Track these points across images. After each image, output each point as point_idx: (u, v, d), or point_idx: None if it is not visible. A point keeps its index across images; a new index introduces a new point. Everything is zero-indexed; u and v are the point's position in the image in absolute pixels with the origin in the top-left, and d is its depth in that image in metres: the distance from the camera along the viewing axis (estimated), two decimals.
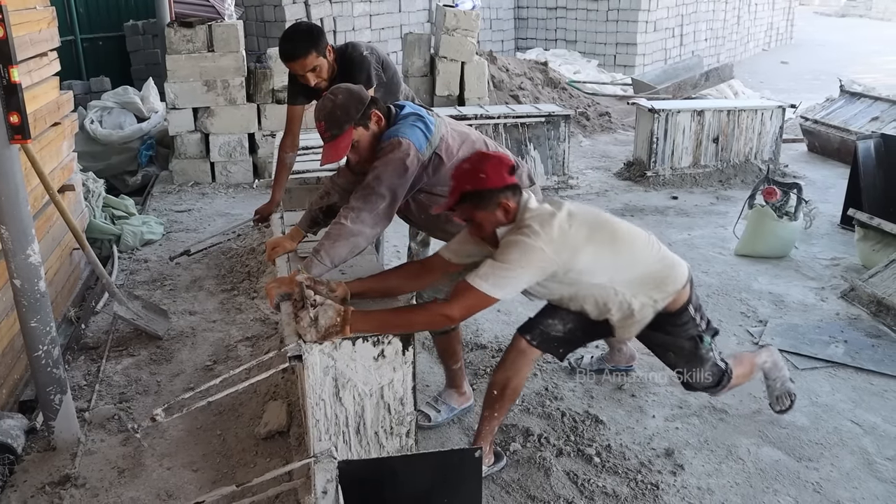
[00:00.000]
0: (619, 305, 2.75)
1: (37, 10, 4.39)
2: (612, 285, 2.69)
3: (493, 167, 2.56)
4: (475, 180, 2.55)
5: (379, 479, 2.24)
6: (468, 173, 2.58)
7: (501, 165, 2.57)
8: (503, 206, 2.57)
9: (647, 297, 2.75)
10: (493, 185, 2.54)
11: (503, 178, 2.56)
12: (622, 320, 2.81)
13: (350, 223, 2.71)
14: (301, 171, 4.12)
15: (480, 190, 2.55)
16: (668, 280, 2.77)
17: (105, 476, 3.04)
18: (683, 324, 2.86)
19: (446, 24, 8.05)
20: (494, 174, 2.55)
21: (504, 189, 2.57)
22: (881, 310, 4.35)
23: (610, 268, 2.67)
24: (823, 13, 30.02)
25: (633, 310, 2.76)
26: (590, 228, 2.63)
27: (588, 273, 2.63)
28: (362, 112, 2.79)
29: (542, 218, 2.56)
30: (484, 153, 2.63)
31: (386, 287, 2.75)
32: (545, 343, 2.94)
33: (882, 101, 7.79)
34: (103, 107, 7.72)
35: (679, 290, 2.79)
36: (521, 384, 2.95)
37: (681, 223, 6.10)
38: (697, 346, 2.91)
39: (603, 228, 2.70)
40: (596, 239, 2.63)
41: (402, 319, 2.55)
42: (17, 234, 2.86)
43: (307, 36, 3.49)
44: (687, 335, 2.88)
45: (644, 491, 2.94)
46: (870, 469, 3.09)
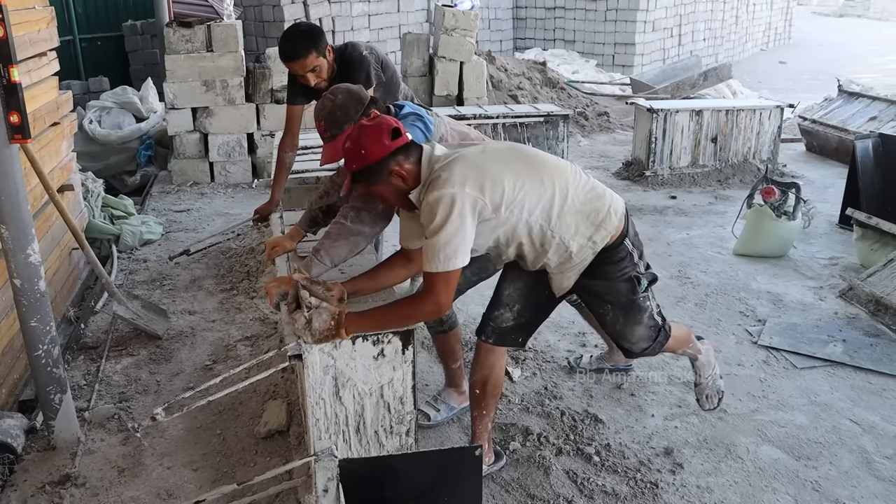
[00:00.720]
0: (556, 248, 2.62)
1: (36, 10, 4.39)
2: (546, 223, 2.56)
3: (370, 139, 2.43)
4: (357, 158, 2.44)
5: (379, 477, 2.24)
6: (350, 152, 2.47)
7: (380, 133, 2.43)
8: (395, 173, 2.45)
9: (585, 237, 2.62)
10: (375, 156, 2.43)
11: (384, 147, 2.42)
12: (560, 265, 2.68)
13: (350, 223, 2.72)
14: (300, 171, 4.12)
15: (366, 166, 2.44)
16: (602, 213, 2.62)
17: (105, 475, 3.04)
18: (620, 260, 2.70)
19: (445, 24, 8.06)
20: (374, 146, 2.42)
21: (389, 157, 2.43)
22: (879, 309, 4.36)
23: (537, 197, 2.52)
24: (821, 13, 30.05)
25: (570, 252, 2.63)
26: (506, 158, 2.54)
27: (517, 206, 2.49)
28: (362, 112, 2.79)
29: (450, 163, 2.45)
30: (361, 125, 2.50)
31: (377, 282, 2.73)
32: (501, 338, 2.90)
33: (880, 101, 7.80)
34: (102, 107, 7.73)
35: (616, 226, 2.65)
36: (500, 378, 2.95)
37: (679, 223, 6.10)
38: (635, 290, 2.75)
39: (520, 155, 2.60)
40: (515, 167, 2.52)
41: (395, 316, 2.52)
42: (17, 233, 2.87)
43: (307, 36, 3.50)
44: (624, 275, 2.73)
45: (643, 490, 2.95)
46: (868, 468, 3.10)
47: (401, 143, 2.46)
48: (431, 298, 2.44)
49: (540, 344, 4.01)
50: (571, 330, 4.19)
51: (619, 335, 2.90)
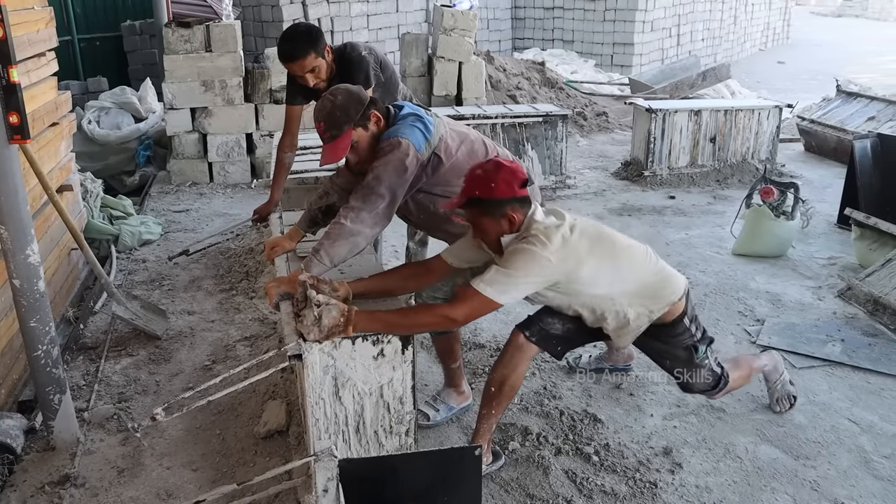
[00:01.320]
0: (615, 315, 2.80)
1: (35, 11, 4.39)
2: (609, 296, 2.74)
3: (504, 178, 2.58)
4: (485, 188, 2.57)
5: (379, 477, 2.25)
6: (479, 179, 2.60)
7: (514, 178, 2.59)
8: (508, 216, 2.60)
9: (643, 307, 2.81)
10: (501, 195, 2.57)
11: (513, 190, 2.58)
12: (617, 329, 2.86)
13: (350, 223, 2.72)
14: (299, 171, 4.12)
15: (488, 198, 2.58)
16: (663, 292, 2.82)
17: (105, 476, 3.04)
18: (678, 334, 2.90)
19: (444, 24, 8.06)
20: (504, 185, 2.57)
21: (511, 200, 2.59)
22: (878, 309, 4.37)
23: (609, 279, 2.71)
24: (820, 13, 30.06)
25: (628, 319, 2.81)
26: (591, 240, 2.67)
27: (589, 284, 2.68)
28: (361, 113, 2.80)
29: (548, 229, 2.60)
30: (500, 163, 2.64)
31: (386, 287, 2.77)
32: (543, 340, 2.96)
33: (878, 101, 7.81)
34: (101, 107, 7.73)
35: (675, 302, 2.83)
36: (519, 381, 2.97)
37: (678, 223, 6.11)
38: (692, 356, 2.95)
39: (604, 241, 2.74)
40: (597, 251, 2.67)
41: (406, 321, 2.57)
42: (16, 233, 2.87)
43: (306, 37, 3.50)
44: (682, 345, 2.93)
45: (642, 489, 2.95)
46: (867, 467, 3.10)
47: (524, 194, 2.62)
48: (454, 310, 2.55)
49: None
50: None
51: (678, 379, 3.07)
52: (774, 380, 3.43)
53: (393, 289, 2.79)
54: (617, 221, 6.09)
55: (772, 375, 3.42)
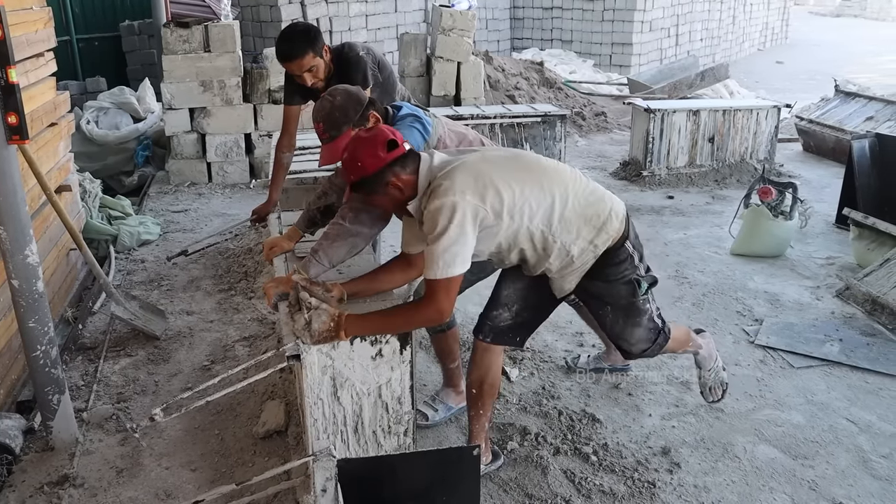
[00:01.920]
0: (557, 252, 2.63)
1: (33, 11, 4.39)
2: (547, 228, 2.57)
3: (366, 151, 2.46)
4: (354, 170, 2.47)
5: (378, 477, 2.25)
6: (347, 164, 2.50)
7: (375, 145, 2.45)
8: (392, 184, 2.47)
9: (587, 241, 2.63)
10: (371, 169, 2.45)
11: (380, 159, 2.44)
12: (561, 269, 2.69)
13: (348, 223, 2.72)
14: (298, 172, 4.13)
15: (363, 178, 2.47)
16: (603, 216, 2.63)
17: (103, 476, 3.04)
18: (620, 262, 2.71)
19: (442, 24, 8.06)
20: (369, 158, 2.45)
21: (385, 169, 2.45)
22: (876, 308, 4.37)
23: (537, 203, 2.53)
24: (818, 13, 30.08)
25: (572, 256, 2.64)
26: (506, 165, 2.55)
27: (518, 212, 2.50)
28: (360, 113, 2.80)
29: (450, 171, 2.45)
30: (358, 137, 2.53)
31: (377, 285, 2.75)
32: (498, 337, 2.92)
33: (877, 101, 7.82)
34: (99, 107, 7.73)
35: (617, 228, 2.66)
36: (497, 378, 2.95)
37: (677, 223, 6.11)
38: (635, 292, 2.76)
39: (520, 161, 2.62)
40: (515, 174, 2.53)
41: (396, 321, 2.54)
42: (15, 234, 2.87)
43: (304, 36, 3.50)
44: (624, 278, 2.74)
45: (641, 489, 2.96)
46: (865, 467, 3.11)
47: (396, 154, 2.47)
48: (433, 305, 2.45)
49: (538, 344, 4.02)
50: (569, 330, 4.20)
51: (618, 336, 2.91)
52: (709, 367, 3.32)
53: (384, 286, 2.77)
54: None
55: (706, 362, 3.31)
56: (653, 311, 2.88)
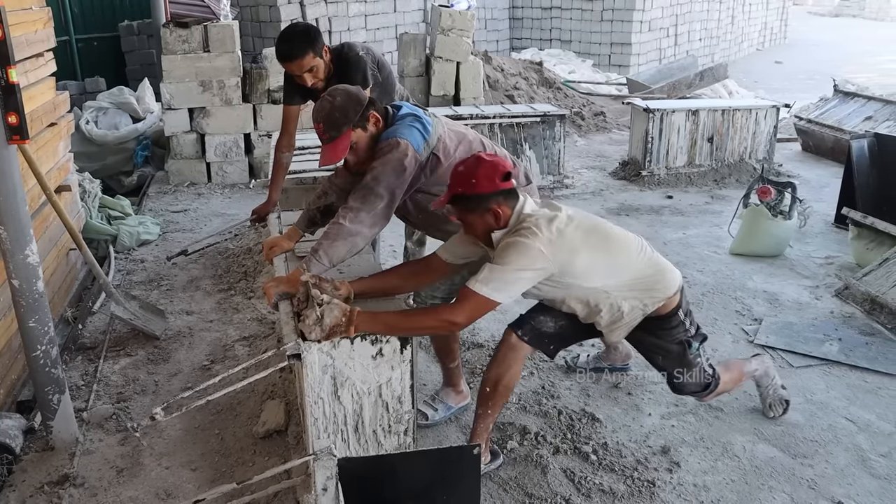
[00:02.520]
0: (608, 308, 2.79)
1: (33, 11, 4.39)
2: (604, 289, 2.73)
3: (485, 173, 2.57)
4: (466, 184, 2.57)
5: (378, 476, 2.25)
6: (460, 176, 2.60)
7: (495, 171, 2.58)
8: (493, 211, 2.59)
9: (637, 300, 2.79)
10: (483, 190, 2.56)
11: (494, 185, 2.57)
12: (611, 323, 2.85)
13: (348, 223, 2.72)
14: (298, 171, 4.13)
15: (470, 194, 2.57)
16: (658, 285, 2.80)
17: (104, 475, 3.05)
18: (672, 328, 2.88)
19: (441, 24, 8.07)
20: (486, 180, 2.56)
21: (495, 195, 2.58)
22: (875, 308, 4.38)
23: (604, 271, 2.69)
24: (817, 13, 30.09)
25: (622, 312, 2.80)
26: (586, 232, 2.66)
27: (583, 276, 2.66)
28: (361, 114, 2.80)
29: (540, 221, 2.58)
30: (480, 157, 2.64)
31: (386, 286, 2.78)
32: (536, 339, 2.96)
33: (875, 101, 7.83)
34: (99, 107, 7.73)
35: (669, 296, 2.82)
36: (514, 380, 2.97)
37: (676, 222, 6.12)
38: (685, 351, 2.93)
39: (598, 232, 2.73)
40: (591, 242, 2.66)
41: (408, 323, 2.57)
42: (15, 234, 2.87)
43: (304, 37, 3.50)
44: (675, 340, 2.91)
45: (640, 488, 2.96)
46: (864, 465, 3.12)
47: (508, 186, 2.60)
48: (452, 315, 2.54)
49: None
50: None
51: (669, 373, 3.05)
52: (766, 385, 3.40)
53: (393, 288, 2.80)
54: (614, 221, 5.98)
55: (763, 380, 3.40)
56: (703, 364, 3.02)
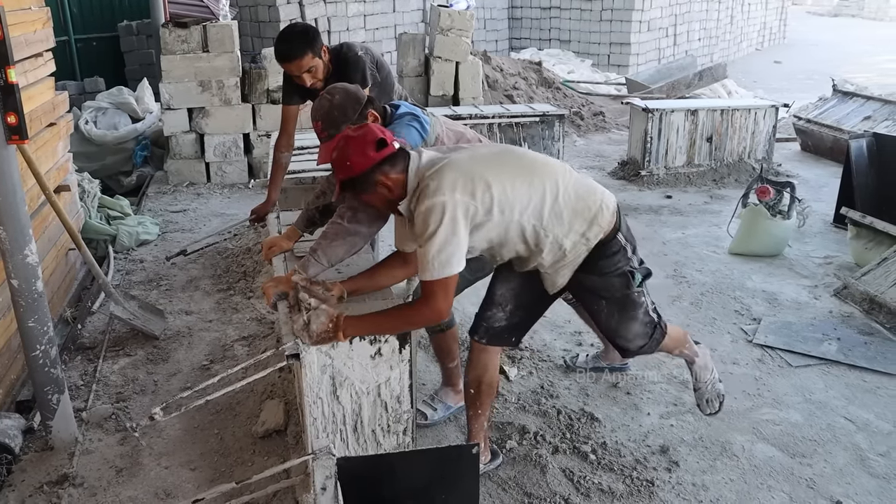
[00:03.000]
0: (549, 246, 2.62)
1: (32, 11, 4.39)
2: (539, 222, 2.57)
3: (355, 150, 2.46)
4: (343, 168, 2.48)
5: (377, 475, 2.26)
6: (336, 162, 2.50)
7: (364, 145, 2.45)
8: (381, 183, 2.47)
9: (578, 234, 2.63)
10: (360, 168, 2.45)
11: (369, 158, 2.44)
12: (553, 264, 2.69)
13: (347, 222, 2.73)
14: (297, 171, 4.13)
15: (352, 176, 2.47)
16: (594, 209, 2.63)
17: (103, 475, 3.05)
18: (613, 254, 2.70)
19: (441, 24, 8.07)
20: (358, 157, 2.45)
21: (375, 167, 2.45)
22: (873, 307, 4.39)
23: (527, 197, 2.53)
24: (816, 13, 30.12)
25: (564, 249, 2.63)
26: (495, 160, 2.56)
27: (508, 207, 2.49)
28: (359, 112, 2.80)
29: (439, 170, 2.44)
30: (347, 136, 2.53)
31: (377, 282, 2.77)
32: (494, 338, 2.92)
33: (874, 101, 7.83)
34: (98, 107, 7.73)
35: (609, 220, 2.66)
36: (495, 377, 2.96)
37: (675, 222, 6.12)
38: (629, 284, 2.75)
39: (509, 157, 2.62)
40: (504, 169, 2.53)
41: (394, 322, 2.55)
42: (14, 234, 2.87)
43: (303, 37, 3.50)
44: (618, 270, 2.72)
45: (639, 487, 2.96)
46: (862, 465, 3.12)
47: (385, 154, 2.46)
48: (430, 305, 2.45)
49: (536, 343, 4.02)
50: (567, 329, 4.21)
51: (614, 332, 2.91)
52: (706, 379, 3.27)
53: (384, 282, 2.78)
54: None
55: (703, 374, 3.26)
56: (648, 305, 2.87)
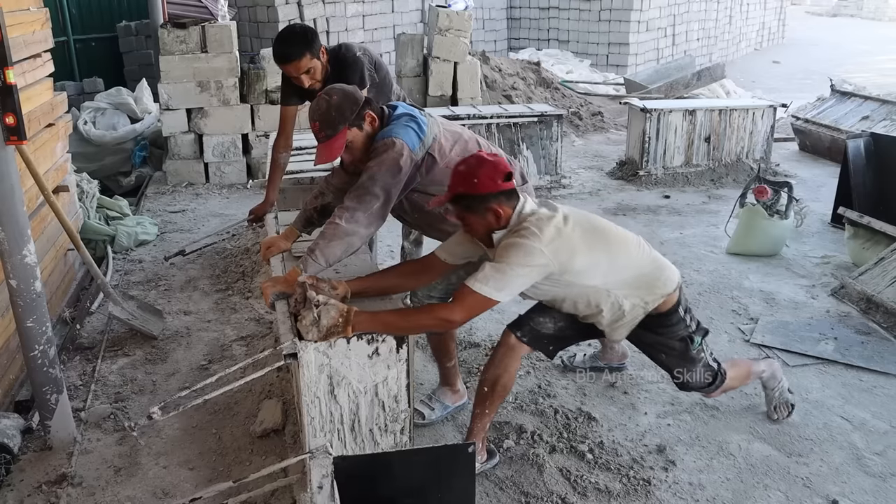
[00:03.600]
0: (610, 307, 2.79)
1: (30, 12, 4.40)
2: (605, 287, 2.73)
3: (486, 173, 2.58)
4: (467, 184, 2.58)
5: (374, 474, 2.27)
6: (461, 175, 2.61)
7: (496, 172, 2.59)
8: (494, 211, 2.60)
9: (638, 298, 2.80)
10: (483, 190, 2.57)
11: (496, 185, 2.58)
12: (612, 322, 2.85)
13: (345, 223, 2.73)
14: (295, 172, 4.13)
15: (471, 194, 2.58)
16: (658, 282, 2.81)
17: (101, 475, 3.05)
18: (673, 325, 2.89)
19: (439, 24, 8.08)
20: (487, 180, 2.57)
21: (496, 195, 2.59)
22: (871, 307, 4.40)
23: (604, 270, 2.70)
24: (815, 13, 30.14)
25: (623, 311, 2.80)
26: (585, 230, 2.68)
27: (583, 275, 2.67)
28: (357, 113, 2.81)
29: (540, 221, 2.60)
30: (482, 157, 2.65)
31: (384, 286, 2.79)
32: (535, 340, 2.97)
33: (872, 101, 7.85)
34: (97, 108, 7.73)
35: (669, 293, 2.83)
36: (511, 381, 2.99)
37: (673, 222, 6.13)
38: (688, 347, 2.94)
39: (597, 231, 2.75)
40: (591, 241, 2.67)
41: (405, 322, 2.58)
42: (13, 234, 2.88)
43: (301, 38, 3.51)
44: (677, 336, 2.92)
45: (636, 487, 2.97)
46: (859, 464, 3.13)
47: (509, 187, 2.62)
48: (451, 312, 2.55)
49: None
50: None
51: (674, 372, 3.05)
52: (773, 387, 3.40)
53: (391, 287, 2.81)
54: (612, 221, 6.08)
55: (770, 382, 3.40)
56: (707, 359, 3.03)
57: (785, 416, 3.41)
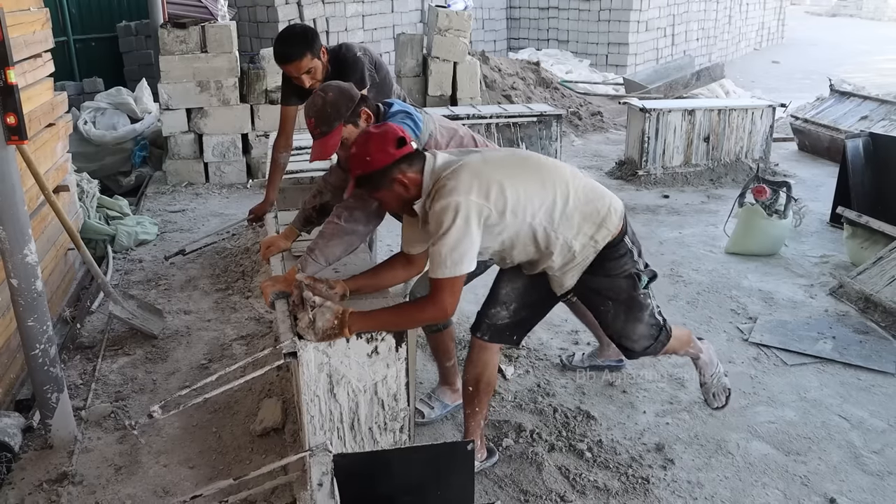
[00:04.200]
0: (560, 248, 2.67)
1: (31, 12, 4.41)
2: (549, 225, 2.61)
3: (376, 146, 2.49)
4: (362, 164, 2.50)
5: (373, 472, 2.28)
6: (355, 157, 2.53)
7: (385, 141, 2.49)
8: (398, 181, 2.51)
9: (587, 237, 2.68)
10: (379, 164, 2.48)
11: (389, 155, 2.48)
12: (563, 266, 2.72)
13: (344, 222, 2.74)
14: (295, 171, 4.14)
15: (370, 173, 2.50)
16: (603, 212, 2.68)
17: (102, 473, 3.06)
18: (620, 256, 2.75)
19: (438, 24, 8.09)
20: (378, 153, 2.48)
21: (393, 165, 2.49)
22: (869, 306, 4.41)
23: (539, 200, 2.58)
24: (814, 13, 30.15)
25: (573, 252, 2.68)
26: (505, 163, 2.60)
27: (520, 210, 2.54)
28: (352, 110, 2.81)
29: (454, 172, 2.49)
30: (369, 133, 2.57)
31: (379, 281, 2.78)
32: (496, 335, 2.95)
33: (871, 101, 7.86)
34: (97, 108, 7.74)
35: (617, 224, 2.71)
36: (493, 375, 2.99)
37: (672, 222, 6.14)
38: (635, 286, 2.81)
39: (520, 159, 2.68)
40: (515, 170, 2.59)
41: (399, 318, 2.58)
42: (14, 233, 2.89)
43: (302, 39, 3.52)
44: (625, 272, 2.78)
45: (635, 485, 2.98)
46: (857, 462, 3.14)
47: (405, 152, 2.51)
48: (438, 303, 2.49)
49: (533, 342, 4.04)
50: (564, 328, 4.23)
51: (619, 333, 2.94)
52: (711, 373, 3.35)
53: (386, 282, 2.80)
54: None
55: (707, 369, 3.34)
56: (653, 308, 2.92)
57: (723, 402, 3.39)
